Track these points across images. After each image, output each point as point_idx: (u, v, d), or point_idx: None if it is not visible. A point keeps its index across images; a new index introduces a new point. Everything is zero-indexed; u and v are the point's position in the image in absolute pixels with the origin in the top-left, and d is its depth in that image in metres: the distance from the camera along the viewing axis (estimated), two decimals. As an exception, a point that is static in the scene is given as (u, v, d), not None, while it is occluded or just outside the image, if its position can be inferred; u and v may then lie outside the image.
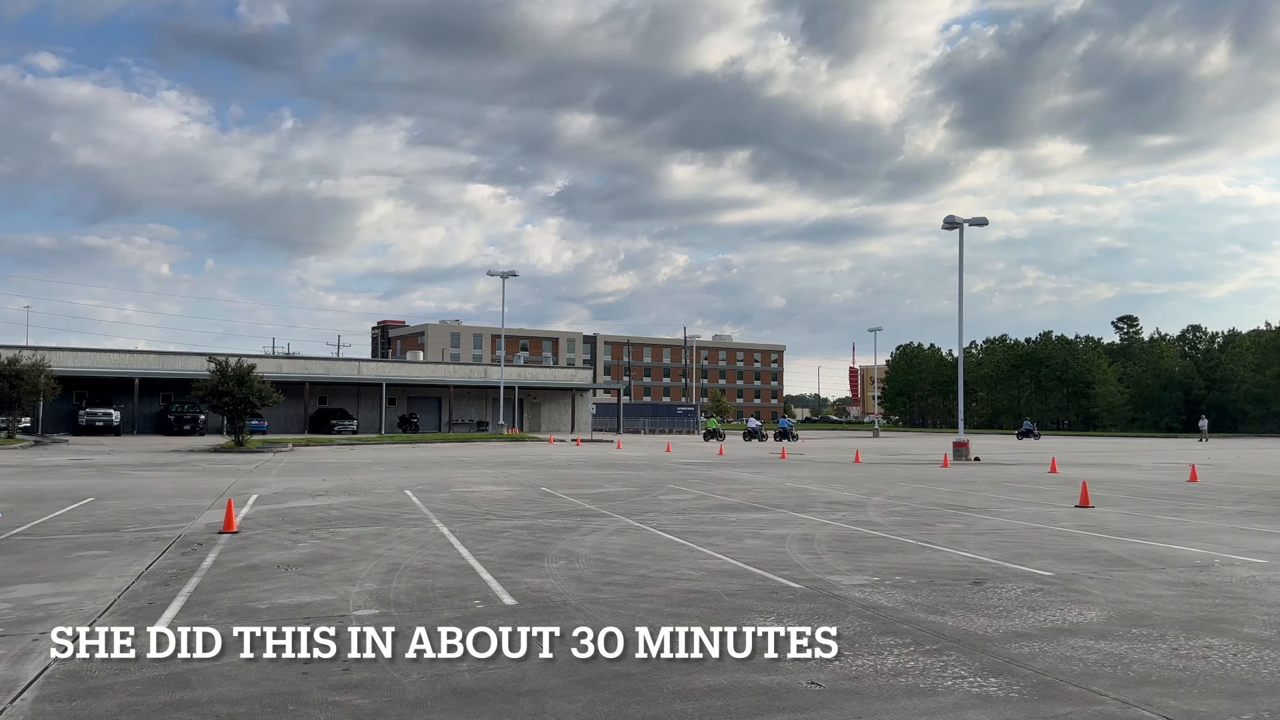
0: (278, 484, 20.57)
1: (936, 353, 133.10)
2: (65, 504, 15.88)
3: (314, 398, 61.45)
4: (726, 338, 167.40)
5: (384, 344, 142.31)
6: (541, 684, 5.80)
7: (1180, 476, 25.21)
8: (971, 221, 36.69)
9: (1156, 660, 6.48)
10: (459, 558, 10.55)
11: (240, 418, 37.91)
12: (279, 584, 8.97)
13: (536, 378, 77.50)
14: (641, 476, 23.93)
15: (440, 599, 8.29)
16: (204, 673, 5.98)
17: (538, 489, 19.78)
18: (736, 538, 12.43)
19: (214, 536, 12.22)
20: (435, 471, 25.31)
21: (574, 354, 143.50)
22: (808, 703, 5.49)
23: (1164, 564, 10.58)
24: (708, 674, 6.03)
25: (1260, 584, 9.41)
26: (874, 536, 12.73)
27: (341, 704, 5.40)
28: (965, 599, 8.49)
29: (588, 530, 13.05)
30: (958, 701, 5.53)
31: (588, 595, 8.49)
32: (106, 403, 53.44)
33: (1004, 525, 14.13)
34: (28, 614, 7.65)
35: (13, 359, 42.97)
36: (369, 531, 12.71)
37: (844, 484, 22.12)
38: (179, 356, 58.78)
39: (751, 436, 57.39)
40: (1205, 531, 13.57)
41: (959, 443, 35.70)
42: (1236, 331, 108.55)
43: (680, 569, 9.95)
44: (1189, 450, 46.72)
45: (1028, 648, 6.76)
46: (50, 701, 5.42)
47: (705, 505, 16.76)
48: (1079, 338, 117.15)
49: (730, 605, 8.11)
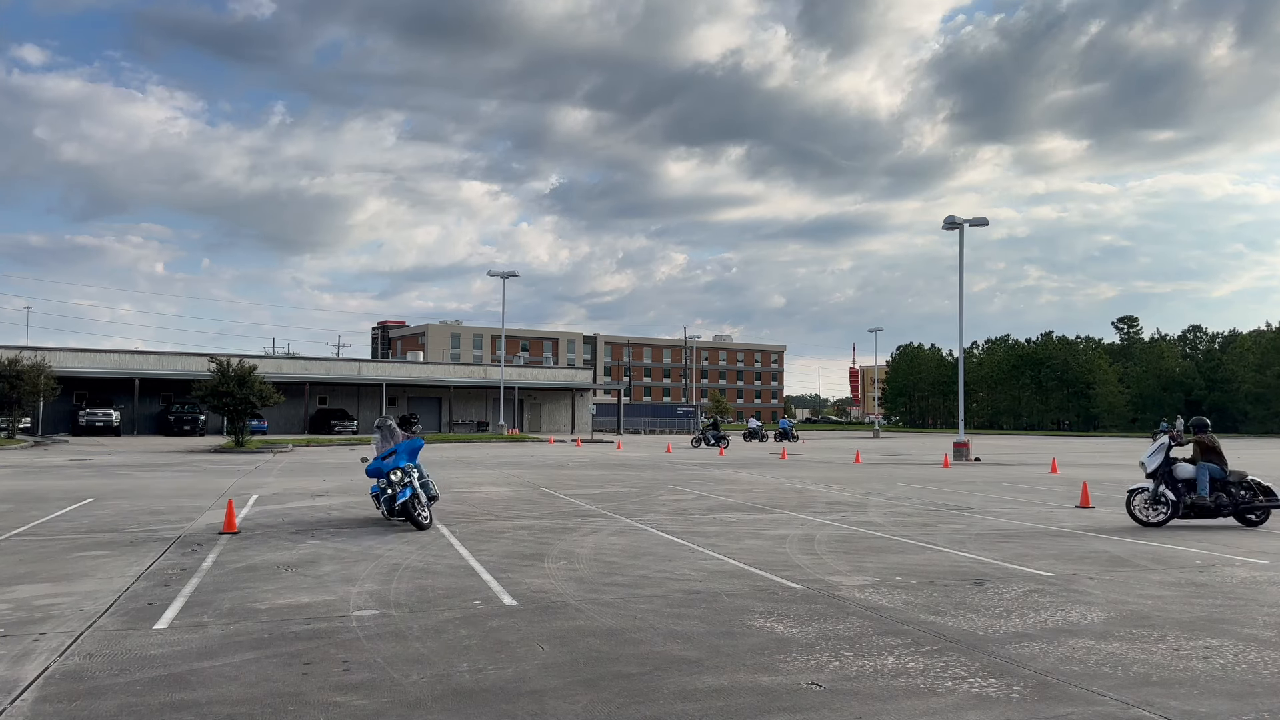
0: (278, 484, 20.57)
1: (937, 353, 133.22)
2: (65, 504, 15.87)
3: (314, 398, 61.49)
4: (726, 338, 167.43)
5: (384, 344, 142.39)
6: (541, 684, 5.80)
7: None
8: (972, 222, 36.70)
9: (1157, 661, 6.47)
10: (459, 558, 10.55)
11: (240, 418, 37.91)
12: (279, 584, 8.97)
13: (536, 378, 77.50)
14: (641, 477, 23.93)
15: (440, 599, 8.29)
16: (204, 673, 5.98)
17: (538, 489, 19.78)
18: (737, 538, 12.43)
19: (214, 537, 12.22)
20: (435, 472, 25.20)
21: (574, 354, 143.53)
22: (808, 703, 5.48)
23: (1164, 564, 10.58)
24: (708, 674, 6.03)
25: (1260, 584, 9.41)
26: (874, 537, 12.73)
27: (341, 704, 5.40)
28: (966, 599, 8.48)
29: (588, 531, 13.05)
30: (958, 702, 5.53)
31: (588, 596, 8.49)
32: (107, 403, 53.46)
33: (1004, 525, 14.13)
34: (28, 614, 7.65)
35: (13, 359, 42.99)
36: (369, 532, 12.71)
37: (844, 484, 22.12)
38: (179, 357, 58.81)
39: (752, 437, 57.40)
40: (1205, 532, 13.57)
41: (959, 443, 35.71)
42: (1237, 332, 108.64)
43: (680, 570, 9.95)
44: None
45: (1028, 648, 6.76)
46: (50, 702, 5.42)
47: (705, 506, 16.76)
48: (1080, 338, 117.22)
49: (730, 606, 8.11)
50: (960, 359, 39.97)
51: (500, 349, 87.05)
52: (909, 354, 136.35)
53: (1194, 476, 14.13)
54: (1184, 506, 14.01)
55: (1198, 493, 14.00)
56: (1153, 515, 14.18)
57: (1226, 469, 14.23)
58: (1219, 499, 13.99)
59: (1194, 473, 14.16)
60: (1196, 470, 14.17)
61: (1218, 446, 14.41)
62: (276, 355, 79.41)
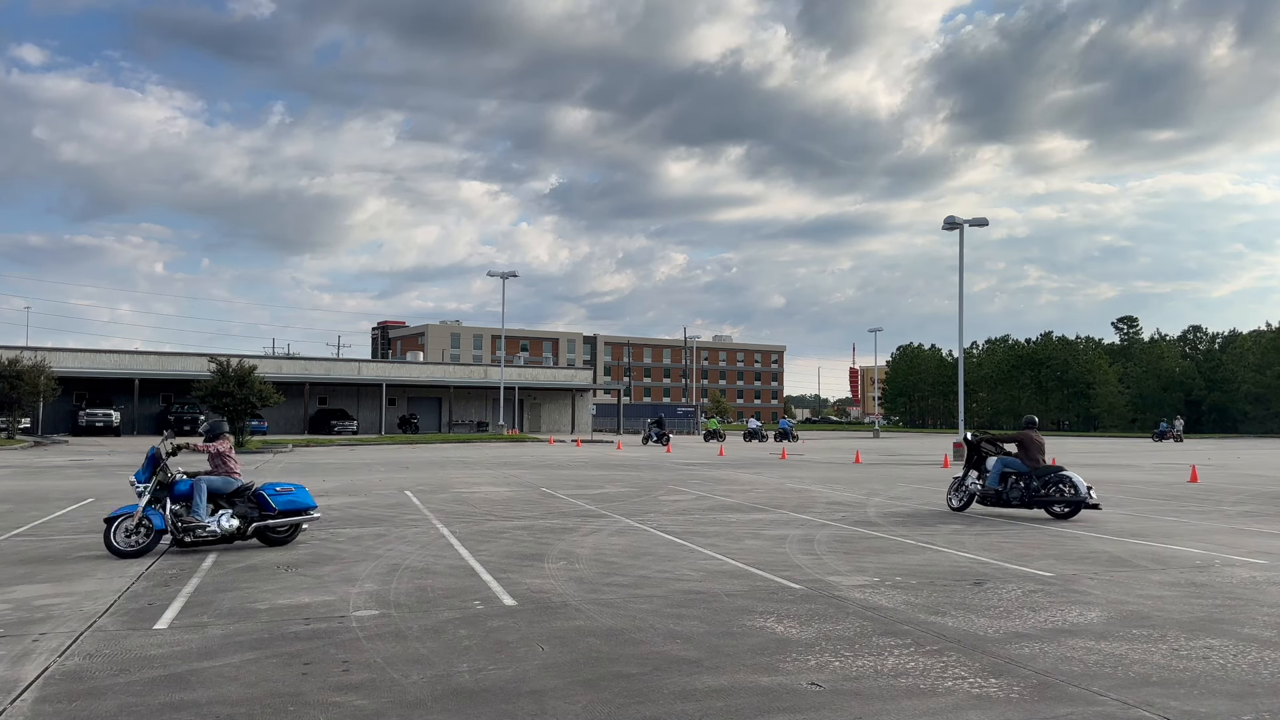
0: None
1: (937, 353, 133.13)
2: (65, 505, 15.88)
3: (314, 398, 61.48)
4: (726, 338, 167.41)
5: (384, 344, 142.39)
6: (541, 684, 5.80)
7: (1180, 477, 25.21)
8: (972, 222, 36.68)
9: (1157, 661, 6.47)
10: (459, 558, 10.55)
11: (241, 418, 37.90)
12: (279, 584, 8.97)
13: (536, 378, 77.49)
14: (641, 477, 23.93)
15: (440, 599, 8.29)
16: (204, 673, 5.98)
17: (538, 489, 19.78)
18: (737, 538, 12.43)
19: (214, 537, 12.21)
20: (435, 472, 25.30)
21: (574, 354, 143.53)
22: (808, 703, 5.48)
23: (1164, 564, 10.58)
24: (708, 674, 6.03)
25: (1260, 584, 9.41)
26: (874, 537, 12.73)
27: (341, 704, 5.40)
28: (966, 600, 8.48)
29: (588, 531, 13.05)
30: (958, 702, 5.53)
31: (588, 596, 8.49)
32: (106, 403, 53.45)
33: (1004, 525, 14.13)
34: (28, 614, 7.65)
35: (14, 360, 42.99)
36: (369, 532, 12.71)
37: (844, 484, 22.12)
38: (179, 357, 58.80)
39: (752, 437, 57.40)
40: (1205, 532, 13.57)
41: (959, 443, 35.69)
42: (1237, 332, 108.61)
43: (680, 570, 9.95)
44: (1189, 451, 46.73)
45: (1028, 648, 6.76)
46: (50, 702, 5.42)
47: (705, 506, 16.76)
48: (1080, 338, 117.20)
49: (730, 606, 8.11)
50: (960, 359, 39.96)
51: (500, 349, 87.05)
52: (909, 354, 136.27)
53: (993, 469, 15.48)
54: (978, 495, 15.41)
55: (988, 484, 15.34)
56: (954, 501, 15.96)
57: (1038, 463, 15.18)
58: (1007, 490, 15.14)
59: (994, 465, 15.48)
60: (994, 463, 15.43)
61: (1032, 443, 15.36)
62: (276, 355, 79.40)
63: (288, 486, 11.57)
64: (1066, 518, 14.67)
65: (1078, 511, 14.70)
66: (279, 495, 11.31)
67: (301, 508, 11.43)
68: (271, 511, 11.19)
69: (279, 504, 11.24)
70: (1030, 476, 15.04)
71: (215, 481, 11.18)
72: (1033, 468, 15.10)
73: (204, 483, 11.07)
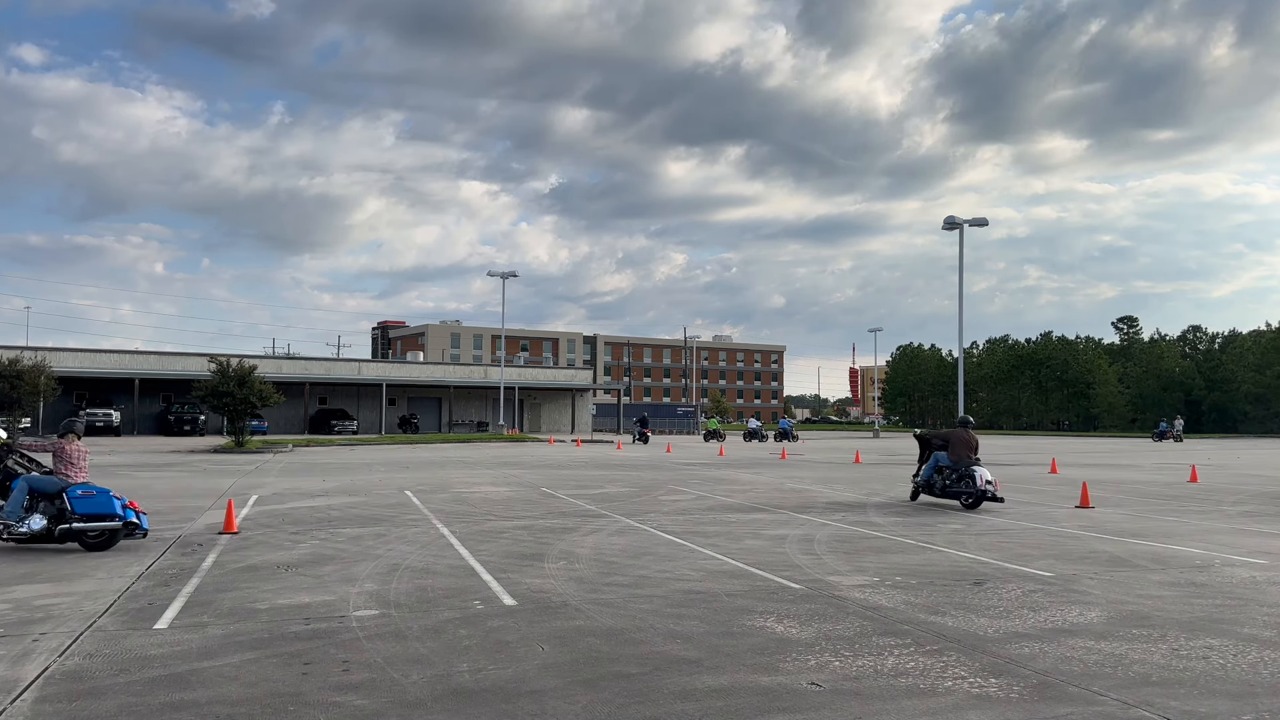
0: (278, 484, 20.57)
1: (937, 353, 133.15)
2: (65, 504, 15.86)
3: (314, 398, 61.46)
4: (726, 338, 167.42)
5: (384, 344, 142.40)
6: (541, 684, 5.80)
7: (1180, 477, 25.21)
8: (972, 222, 36.66)
9: (1157, 661, 6.48)
10: (459, 558, 10.55)
11: (241, 418, 37.89)
12: (279, 584, 8.98)
13: (536, 378, 77.49)
14: (641, 477, 23.93)
15: (440, 599, 8.29)
16: (204, 673, 5.98)
17: (538, 489, 19.78)
18: (737, 538, 12.43)
19: (214, 537, 12.23)
20: (435, 472, 25.30)
21: (574, 354, 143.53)
22: (808, 703, 5.49)
23: (1164, 564, 10.58)
24: (708, 674, 6.03)
25: (1260, 584, 9.41)
26: (874, 537, 12.73)
27: (341, 704, 5.40)
28: (965, 599, 8.49)
29: (588, 531, 13.06)
30: (958, 702, 5.53)
31: (588, 596, 8.49)
32: (106, 403, 53.42)
33: (1004, 525, 14.13)
34: (28, 614, 7.65)
35: (14, 359, 43.00)
36: (369, 532, 12.71)
37: (844, 484, 22.12)
38: (179, 357, 58.79)
39: (752, 437, 57.39)
40: (1205, 532, 13.57)
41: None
42: (1237, 332, 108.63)
43: (680, 570, 9.95)
44: (1189, 451, 46.71)
45: (1028, 648, 6.76)
46: (50, 702, 5.43)
47: (705, 506, 16.77)
48: (1079, 338, 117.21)
49: (730, 606, 8.11)
50: (960, 359, 39.94)
51: (500, 349, 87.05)
52: (909, 354, 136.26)
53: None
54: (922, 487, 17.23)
55: (923, 475, 17.24)
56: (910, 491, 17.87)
57: (967, 460, 16.45)
58: (938, 482, 16.82)
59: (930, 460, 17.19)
60: (931, 458, 17.12)
61: (959, 440, 16.73)
62: (276, 355, 79.37)
63: (90, 490, 11.00)
64: (972, 508, 16.13)
65: (980, 503, 16.19)
66: (80, 499, 10.81)
67: (102, 514, 10.77)
68: (75, 515, 10.72)
69: (78, 508, 10.75)
70: (951, 470, 16.65)
71: (43, 481, 11.05)
72: (955, 463, 16.58)
73: (27, 481, 10.99)
